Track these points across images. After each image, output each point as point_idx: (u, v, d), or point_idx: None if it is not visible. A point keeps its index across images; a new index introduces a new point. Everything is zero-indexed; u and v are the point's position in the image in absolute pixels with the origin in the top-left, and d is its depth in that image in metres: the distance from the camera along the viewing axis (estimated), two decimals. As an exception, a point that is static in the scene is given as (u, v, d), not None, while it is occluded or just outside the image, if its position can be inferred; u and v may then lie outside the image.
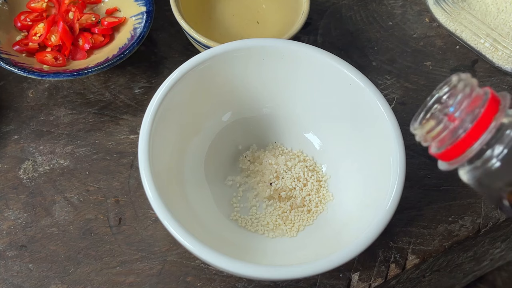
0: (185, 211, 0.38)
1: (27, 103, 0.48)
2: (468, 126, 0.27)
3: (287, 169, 0.44)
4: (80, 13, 0.50)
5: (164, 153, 0.38)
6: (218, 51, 0.40)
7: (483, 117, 0.27)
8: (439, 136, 0.28)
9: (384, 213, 0.35)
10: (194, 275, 0.40)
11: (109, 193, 0.44)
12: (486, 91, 0.28)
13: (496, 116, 0.27)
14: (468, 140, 0.27)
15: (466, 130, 0.27)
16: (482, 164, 0.28)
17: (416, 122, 0.30)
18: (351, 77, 0.40)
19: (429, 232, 0.43)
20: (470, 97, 0.28)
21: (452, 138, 0.28)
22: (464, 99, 0.28)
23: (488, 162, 0.27)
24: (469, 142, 0.27)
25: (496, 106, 0.27)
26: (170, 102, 0.38)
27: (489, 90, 0.28)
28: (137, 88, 0.49)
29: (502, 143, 0.27)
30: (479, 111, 0.27)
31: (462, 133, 0.27)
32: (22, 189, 0.43)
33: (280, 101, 0.44)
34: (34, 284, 0.40)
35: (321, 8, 0.57)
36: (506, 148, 0.27)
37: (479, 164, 0.28)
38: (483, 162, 0.28)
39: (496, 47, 0.52)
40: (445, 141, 0.28)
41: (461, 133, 0.27)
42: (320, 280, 0.41)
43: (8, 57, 0.46)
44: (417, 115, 0.30)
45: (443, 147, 0.28)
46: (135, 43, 0.47)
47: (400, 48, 0.54)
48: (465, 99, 0.28)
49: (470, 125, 0.27)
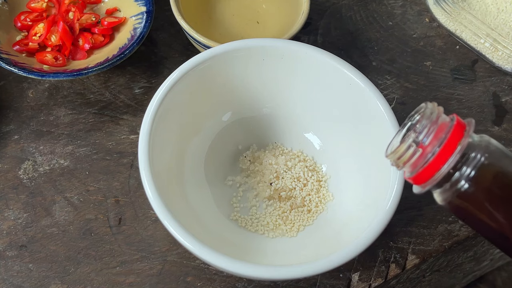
0: (185, 211, 0.38)
1: (27, 103, 0.48)
2: (436, 150, 0.29)
3: (287, 169, 0.44)
4: (80, 13, 0.50)
5: (164, 153, 0.38)
6: (218, 51, 0.40)
7: (449, 142, 0.29)
8: (409, 161, 0.30)
9: (384, 213, 0.35)
10: (194, 275, 0.40)
11: (109, 193, 0.44)
12: (452, 117, 0.30)
13: (461, 141, 0.29)
14: (436, 164, 0.29)
15: (434, 155, 0.29)
16: (451, 187, 0.30)
17: (389, 149, 0.32)
18: (351, 77, 0.40)
19: (429, 232, 0.43)
20: (437, 123, 0.30)
21: (422, 162, 0.30)
22: (431, 126, 0.30)
23: (457, 184, 0.29)
24: (437, 165, 0.29)
25: (461, 131, 0.30)
26: (170, 102, 0.38)
27: (455, 116, 0.30)
28: (137, 88, 0.49)
29: (469, 166, 0.29)
30: (445, 136, 0.29)
31: (431, 157, 0.29)
32: (22, 189, 0.43)
33: (280, 101, 0.44)
34: (34, 284, 0.40)
35: (321, 8, 0.57)
36: (473, 170, 0.29)
37: (448, 187, 0.30)
38: (452, 185, 0.30)
39: (496, 47, 0.52)
40: (416, 166, 0.30)
41: (429, 158, 0.29)
42: (320, 280, 0.41)
43: (8, 57, 0.46)
44: (390, 143, 0.33)
45: (415, 171, 0.30)
46: (135, 43, 0.47)
47: (400, 48, 0.54)
48: (432, 126, 0.30)
49: (437, 149, 0.29)
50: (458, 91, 0.52)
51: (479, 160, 0.29)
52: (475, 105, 0.51)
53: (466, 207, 0.30)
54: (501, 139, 0.49)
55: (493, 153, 0.30)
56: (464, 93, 0.52)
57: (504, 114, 0.51)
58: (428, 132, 0.30)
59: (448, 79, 0.53)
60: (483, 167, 0.29)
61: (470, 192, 0.29)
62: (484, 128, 0.50)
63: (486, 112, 0.51)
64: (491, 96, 0.52)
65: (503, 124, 0.50)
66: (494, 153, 0.30)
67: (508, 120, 0.50)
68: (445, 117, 0.31)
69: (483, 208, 0.30)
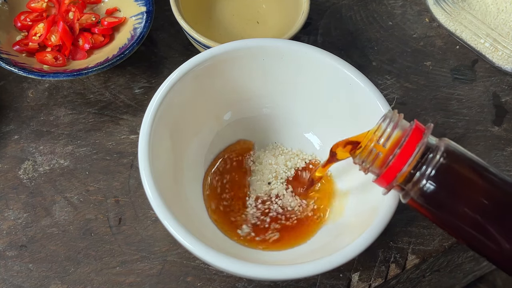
0: (185, 211, 0.38)
1: (27, 103, 0.48)
2: (396, 152, 0.32)
3: (287, 169, 0.44)
4: (80, 13, 0.50)
5: (164, 153, 0.38)
6: (218, 51, 0.40)
7: (408, 144, 0.31)
8: (373, 165, 0.33)
9: (384, 213, 0.35)
10: (194, 275, 0.40)
11: (109, 193, 0.44)
12: (412, 123, 0.33)
13: (419, 143, 0.31)
14: (397, 165, 0.32)
15: (394, 156, 0.32)
16: (413, 186, 0.32)
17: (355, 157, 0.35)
18: (351, 77, 0.40)
19: (429, 232, 0.43)
20: (396, 129, 0.32)
21: (384, 165, 0.32)
22: (391, 131, 0.32)
23: (418, 183, 0.31)
24: (398, 167, 0.32)
25: (420, 135, 0.32)
26: (170, 102, 0.38)
27: (415, 121, 0.33)
28: (137, 88, 0.49)
29: (429, 166, 0.31)
30: (404, 140, 0.32)
31: (392, 159, 0.32)
32: (22, 189, 0.43)
33: (280, 101, 0.44)
34: (34, 284, 0.40)
35: (321, 8, 0.57)
36: (433, 169, 0.31)
37: (410, 187, 0.32)
38: (414, 184, 0.32)
39: (496, 47, 0.52)
40: (379, 169, 0.33)
41: (391, 160, 0.32)
42: (320, 280, 0.41)
43: (8, 57, 0.46)
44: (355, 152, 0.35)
45: (379, 174, 0.33)
46: (135, 43, 0.47)
47: (400, 48, 0.54)
48: (392, 130, 0.32)
49: (398, 151, 0.31)
50: (458, 91, 0.52)
51: (438, 160, 0.31)
52: (475, 105, 0.51)
53: (428, 205, 0.32)
54: (501, 139, 0.49)
55: (452, 153, 0.32)
56: (464, 93, 0.52)
57: (504, 114, 0.51)
58: (389, 137, 0.32)
59: (448, 79, 0.53)
60: (442, 167, 0.31)
61: (430, 191, 0.31)
62: (484, 128, 0.50)
63: (486, 112, 0.51)
64: (491, 96, 0.52)
65: (503, 124, 0.50)
66: (452, 154, 0.32)
67: (508, 120, 0.50)
68: (406, 122, 0.33)
69: (444, 205, 0.32)
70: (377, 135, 0.33)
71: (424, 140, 0.32)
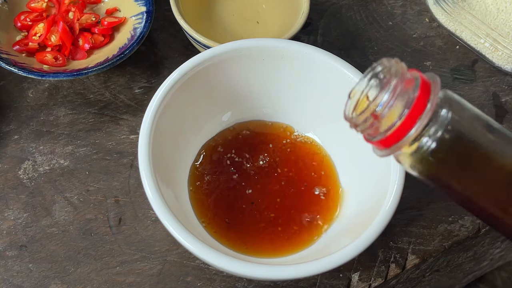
0: (185, 211, 0.38)
1: (27, 103, 0.48)
2: (404, 112, 0.27)
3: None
4: (80, 13, 0.50)
5: (164, 153, 0.38)
6: (218, 51, 0.40)
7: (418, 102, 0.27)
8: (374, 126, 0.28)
9: (384, 213, 0.34)
10: (194, 275, 0.40)
11: (109, 193, 0.44)
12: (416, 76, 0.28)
13: (429, 99, 0.27)
14: (406, 126, 0.27)
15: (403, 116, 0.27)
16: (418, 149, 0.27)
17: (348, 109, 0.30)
18: (351, 77, 0.40)
19: (429, 232, 0.43)
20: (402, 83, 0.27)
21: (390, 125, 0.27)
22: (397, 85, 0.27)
23: (425, 145, 0.27)
24: (407, 127, 0.27)
25: (428, 90, 0.27)
26: (170, 102, 0.38)
27: (419, 74, 0.28)
28: (137, 88, 0.49)
29: (437, 124, 0.27)
30: (413, 96, 0.27)
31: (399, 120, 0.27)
32: (22, 189, 0.43)
33: (280, 101, 0.44)
34: (34, 284, 0.40)
35: (321, 8, 0.57)
36: (441, 128, 0.27)
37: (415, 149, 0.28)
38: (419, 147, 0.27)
39: (496, 47, 0.52)
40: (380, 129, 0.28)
41: (397, 120, 0.27)
42: (320, 280, 0.41)
43: (8, 57, 0.46)
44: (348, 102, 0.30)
45: (380, 135, 0.28)
46: (135, 43, 0.47)
47: (400, 48, 0.55)
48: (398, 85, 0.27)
49: (407, 110, 0.27)
50: (458, 91, 0.52)
51: (447, 117, 0.27)
52: (475, 105, 0.51)
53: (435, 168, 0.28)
54: (501, 139, 0.49)
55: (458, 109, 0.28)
56: (464, 93, 0.52)
57: (504, 114, 0.51)
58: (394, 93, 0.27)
59: (448, 79, 0.53)
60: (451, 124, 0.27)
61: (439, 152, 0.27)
62: (484, 128, 0.50)
63: (486, 112, 0.51)
64: (491, 96, 0.52)
65: (503, 124, 0.50)
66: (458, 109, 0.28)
67: (508, 120, 0.50)
68: (409, 75, 0.28)
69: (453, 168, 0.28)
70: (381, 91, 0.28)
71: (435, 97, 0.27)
